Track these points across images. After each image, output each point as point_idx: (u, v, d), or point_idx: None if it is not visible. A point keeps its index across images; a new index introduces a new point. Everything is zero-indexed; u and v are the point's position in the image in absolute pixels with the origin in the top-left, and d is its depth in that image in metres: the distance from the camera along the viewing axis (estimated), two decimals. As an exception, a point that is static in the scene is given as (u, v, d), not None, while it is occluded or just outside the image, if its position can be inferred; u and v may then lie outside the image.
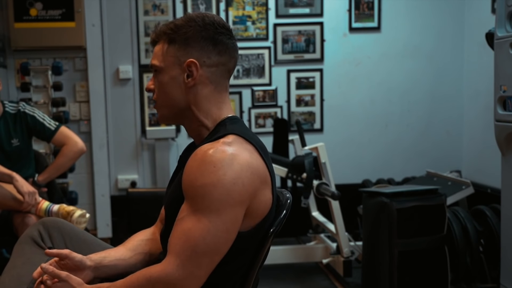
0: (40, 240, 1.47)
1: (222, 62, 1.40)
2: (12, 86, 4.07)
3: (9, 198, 2.45)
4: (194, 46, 1.37)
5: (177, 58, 1.38)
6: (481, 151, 4.06)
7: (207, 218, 1.23)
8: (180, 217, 1.28)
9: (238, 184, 1.24)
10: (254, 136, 1.38)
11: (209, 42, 1.38)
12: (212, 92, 1.40)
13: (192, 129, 1.44)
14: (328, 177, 3.30)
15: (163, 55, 1.39)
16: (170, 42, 1.38)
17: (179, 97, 1.39)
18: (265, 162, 1.33)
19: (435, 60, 4.35)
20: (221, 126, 1.38)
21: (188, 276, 1.23)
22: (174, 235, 1.27)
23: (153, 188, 4.17)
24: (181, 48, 1.37)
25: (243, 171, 1.25)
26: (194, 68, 1.37)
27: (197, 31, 1.37)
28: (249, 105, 4.27)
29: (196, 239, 1.23)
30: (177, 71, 1.38)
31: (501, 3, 2.63)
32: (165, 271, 1.24)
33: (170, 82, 1.38)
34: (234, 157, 1.26)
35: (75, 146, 2.86)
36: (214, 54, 1.38)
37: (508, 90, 2.60)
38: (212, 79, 1.39)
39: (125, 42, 4.15)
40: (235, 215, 1.26)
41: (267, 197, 1.33)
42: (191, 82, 1.37)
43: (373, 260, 2.83)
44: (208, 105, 1.40)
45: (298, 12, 4.24)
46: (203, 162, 1.25)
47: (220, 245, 1.25)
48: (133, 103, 4.20)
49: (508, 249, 2.70)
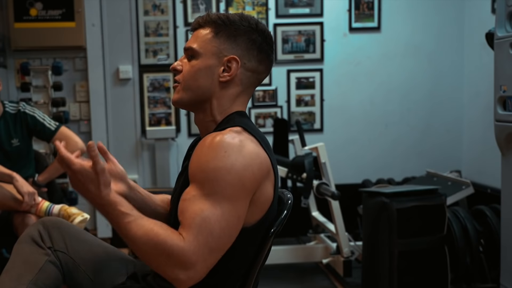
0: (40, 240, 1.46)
1: (259, 70, 1.42)
2: (12, 86, 4.07)
3: (9, 198, 2.45)
4: (240, 45, 1.38)
5: (219, 50, 1.38)
6: (481, 151, 4.06)
7: (220, 203, 1.21)
8: (187, 197, 1.25)
9: (248, 171, 1.24)
10: (259, 132, 1.39)
11: (255, 47, 1.39)
12: (238, 95, 1.41)
13: (202, 121, 1.43)
14: (328, 177, 3.30)
15: (205, 42, 1.38)
16: (217, 32, 1.38)
17: (206, 86, 1.38)
18: (269, 157, 1.33)
19: (435, 60, 4.35)
20: (229, 119, 1.38)
21: (202, 261, 1.20)
22: (187, 214, 1.22)
23: (153, 188, 4.17)
24: (227, 42, 1.38)
25: (252, 159, 1.26)
26: (234, 65, 1.37)
27: (249, 32, 1.39)
28: (249, 105, 4.27)
29: (213, 224, 1.20)
30: (214, 62, 1.38)
31: (501, 3, 2.64)
32: (184, 250, 1.18)
33: (204, 70, 1.38)
34: (244, 145, 1.26)
35: (75, 146, 2.85)
36: (255, 60, 1.40)
37: (508, 90, 2.60)
38: (244, 83, 1.40)
39: (125, 42, 4.15)
40: (245, 202, 1.26)
41: (269, 191, 1.33)
42: (226, 77, 1.38)
43: (373, 260, 2.83)
44: (228, 104, 1.40)
45: (298, 12, 4.24)
46: (214, 147, 1.24)
47: (232, 232, 1.24)
48: (133, 103, 4.20)
49: (508, 249, 2.70)
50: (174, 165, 4.16)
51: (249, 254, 1.36)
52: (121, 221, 1.24)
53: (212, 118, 1.41)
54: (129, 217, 1.24)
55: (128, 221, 1.23)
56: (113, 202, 1.25)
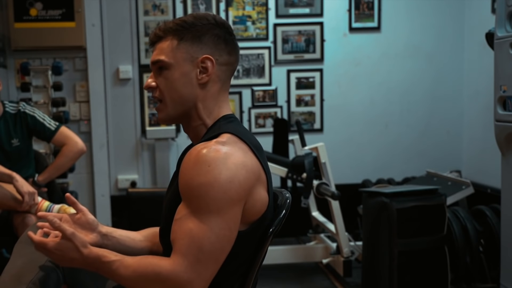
0: (40, 240, 1.47)
1: (231, 61, 1.42)
2: (12, 86, 4.07)
3: (9, 198, 2.45)
4: (207, 43, 1.38)
5: (189, 54, 1.37)
6: (481, 151, 4.06)
7: (207, 218, 1.23)
8: (178, 217, 1.28)
9: (234, 183, 1.24)
10: (249, 134, 1.38)
11: (221, 41, 1.39)
12: (219, 91, 1.41)
13: (191, 128, 1.43)
14: (328, 177, 3.30)
15: (173, 51, 1.37)
16: (181, 38, 1.37)
17: (188, 94, 1.38)
18: (260, 161, 1.33)
19: (435, 60, 4.35)
20: (216, 126, 1.38)
21: (197, 277, 1.23)
22: (177, 235, 1.26)
23: (153, 188, 4.17)
24: (194, 45, 1.37)
25: (238, 169, 1.25)
26: (209, 64, 1.37)
27: (210, 28, 1.38)
28: (249, 105, 4.27)
29: (201, 240, 1.22)
30: (189, 67, 1.37)
31: (501, 3, 2.63)
32: (175, 272, 1.22)
33: (181, 78, 1.37)
34: (228, 156, 1.25)
35: (75, 146, 2.86)
36: (225, 53, 1.40)
37: (508, 90, 2.60)
38: (222, 78, 1.40)
39: (125, 42, 4.15)
40: (234, 213, 1.26)
41: (263, 196, 1.33)
42: (204, 78, 1.37)
43: (373, 260, 2.83)
44: (212, 103, 1.40)
45: (298, 12, 4.24)
46: (197, 162, 1.25)
47: (224, 243, 1.25)
48: (133, 103, 4.20)
49: (508, 249, 2.70)
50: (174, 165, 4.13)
51: (248, 255, 1.36)
52: (110, 271, 1.28)
53: (201, 122, 1.41)
54: (115, 263, 1.28)
55: (116, 267, 1.28)
56: (97, 256, 1.29)
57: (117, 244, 1.50)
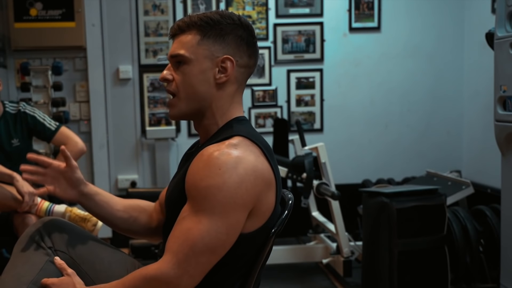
0: (41, 240, 1.46)
1: (250, 64, 1.41)
2: (12, 86, 4.07)
3: (9, 198, 2.45)
4: (230, 44, 1.36)
5: (210, 52, 1.35)
6: (481, 151, 4.06)
7: (208, 219, 1.23)
8: (181, 216, 1.28)
9: (241, 188, 1.24)
10: (260, 137, 1.37)
11: (244, 43, 1.38)
12: (235, 92, 1.40)
13: (202, 126, 1.41)
14: (328, 177, 3.30)
15: (194, 46, 1.35)
16: (204, 34, 1.35)
17: (204, 92, 1.36)
18: (271, 164, 1.32)
19: (435, 60, 4.35)
20: (228, 127, 1.37)
21: (183, 274, 1.23)
22: (174, 234, 1.27)
23: (153, 188, 4.17)
24: (217, 43, 1.35)
25: (247, 175, 1.25)
26: (229, 65, 1.35)
27: (235, 29, 1.37)
28: (249, 105, 4.27)
29: (195, 239, 1.23)
30: (208, 65, 1.35)
31: (501, 3, 2.64)
32: (161, 269, 1.24)
33: (199, 75, 1.35)
34: (239, 160, 1.25)
35: (75, 146, 2.85)
36: (246, 55, 1.39)
37: (508, 90, 2.60)
38: (239, 80, 1.39)
39: (125, 42, 4.15)
40: (236, 219, 1.25)
41: (270, 201, 1.33)
42: (223, 78, 1.36)
43: (373, 260, 2.83)
44: (227, 104, 1.39)
45: (298, 12, 4.24)
46: (208, 164, 1.24)
47: (218, 247, 1.25)
48: (133, 103, 4.20)
49: (508, 249, 2.70)
50: (174, 165, 4.15)
51: (250, 255, 1.36)
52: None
53: (214, 121, 1.39)
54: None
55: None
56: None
57: (94, 207, 1.53)
